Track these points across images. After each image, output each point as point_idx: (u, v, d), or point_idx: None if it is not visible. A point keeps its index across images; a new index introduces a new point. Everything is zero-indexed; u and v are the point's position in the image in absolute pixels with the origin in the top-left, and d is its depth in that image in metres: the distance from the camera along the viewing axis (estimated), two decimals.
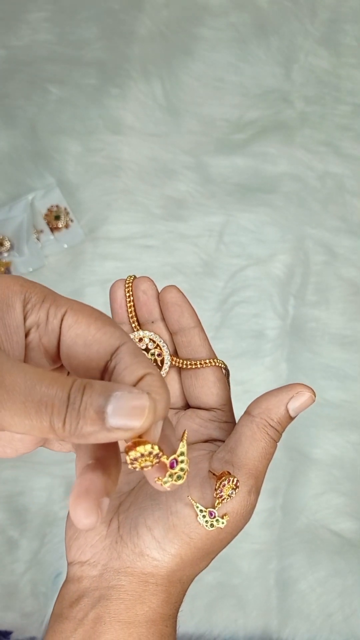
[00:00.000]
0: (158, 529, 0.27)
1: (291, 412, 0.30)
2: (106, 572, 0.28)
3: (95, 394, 0.20)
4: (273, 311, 0.72)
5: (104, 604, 0.27)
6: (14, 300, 0.23)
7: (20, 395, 0.20)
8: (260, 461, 0.29)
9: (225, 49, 0.78)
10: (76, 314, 0.23)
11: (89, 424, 0.20)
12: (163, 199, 0.75)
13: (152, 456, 0.21)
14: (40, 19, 0.78)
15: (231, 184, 0.76)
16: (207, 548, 0.28)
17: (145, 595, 0.27)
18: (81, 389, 0.20)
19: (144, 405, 0.20)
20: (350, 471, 0.70)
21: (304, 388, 0.29)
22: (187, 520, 0.27)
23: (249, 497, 0.28)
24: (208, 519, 0.27)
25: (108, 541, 0.28)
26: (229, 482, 0.27)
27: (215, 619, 0.67)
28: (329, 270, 0.74)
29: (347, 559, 0.68)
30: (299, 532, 0.68)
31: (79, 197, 0.75)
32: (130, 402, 0.20)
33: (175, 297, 0.32)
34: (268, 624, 0.67)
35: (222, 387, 0.32)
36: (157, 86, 0.77)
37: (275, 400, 0.29)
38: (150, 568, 0.27)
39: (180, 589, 0.29)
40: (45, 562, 0.67)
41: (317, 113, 0.77)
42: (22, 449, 0.25)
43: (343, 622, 0.66)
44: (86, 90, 0.77)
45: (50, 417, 0.20)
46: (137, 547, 0.28)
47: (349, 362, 0.72)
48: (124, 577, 0.27)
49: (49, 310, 0.24)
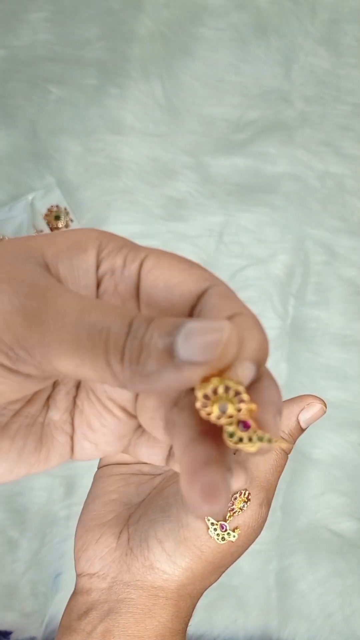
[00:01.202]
0: (169, 541, 0.27)
1: (302, 424, 0.29)
2: (115, 584, 0.27)
3: (164, 325, 0.16)
4: (273, 311, 0.72)
5: (113, 618, 0.27)
6: (88, 244, 0.20)
7: (72, 319, 0.16)
8: (272, 474, 0.29)
9: (226, 49, 0.78)
10: (158, 257, 0.20)
11: (153, 357, 0.16)
12: (163, 199, 0.75)
13: (231, 394, 0.16)
14: (40, 19, 0.78)
15: (231, 184, 0.76)
16: (217, 562, 0.28)
17: (155, 610, 0.27)
18: (146, 321, 0.16)
19: (222, 327, 0.16)
20: (350, 471, 0.70)
21: (315, 399, 0.29)
22: (198, 533, 0.27)
23: (260, 510, 0.28)
24: (219, 532, 0.27)
25: (118, 553, 0.28)
26: (240, 495, 0.27)
27: (215, 619, 0.66)
28: (329, 271, 0.74)
29: (347, 559, 0.67)
30: (299, 532, 0.68)
31: (78, 197, 0.75)
32: (206, 330, 0.16)
33: None
34: (268, 624, 0.67)
35: None
36: (157, 86, 0.77)
37: (286, 412, 0.29)
38: (161, 582, 0.27)
39: (190, 604, 0.28)
40: (45, 562, 0.66)
41: (317, 113, 0.77)
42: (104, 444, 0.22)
43: (343, 622, 0.66)
44: (86, 90, 0.77)
45: (106, 348, 0.16)
46: (147, 560, 0.27)
47: (349, 362, 0.72)
48: (134, 590, 0.27)
49: (127, 255, 0.20)
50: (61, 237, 0.20)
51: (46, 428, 0.22)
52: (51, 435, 0.22)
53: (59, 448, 0.22)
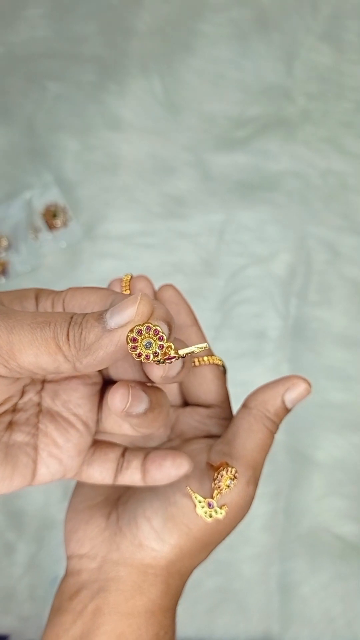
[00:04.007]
0: (157, 519, 0.27)
1: (287, 404, 0.30)
2: (105, 564, 0.28)
3: (95, 313, 0.22)
4: (274, 311, 0.72)
5: (103, 596, 0.27)
6: (30, 294, 0.26)
7: (26, 320, 0.22)
8: (259, 452, 0.29)
9: (226, 45, 0.78)
10: (74, 291, 0.25)
11: (91, 332, 0.21)
12: (163, 197, 0.74)
13: (151, 333, 0.21)
14: (38, 15, 0.77)
15: (232, 181, 0.75)
16: (206, 539, 0.28)
17: (144, 586, 0.27)
18: (82, 314, 0.22)
19: (136, 296, 0.21)
20: (353, 473, 0.69)
21: (299, 379, 0.30)
22: (185, 510, 0.27)
23: (248, 488, 0.28)
24: (207, 509, 0.27)
25: (107, 533, 0.28)
26: (227, 472, 0.27)
27: (216, 624, 0.66)
28: (331, 270, 0.73)
29: (350, 562, 0.67)
30: (301, 536, 0.67)
31: (77, 195, 0.74)
32: (124, 303, 0.22)
33: (172, 296, 0.33)
34: (269, 628, 0.66)
35: (220, 385, 0.33)
36: (157, 83, 0.76)
37: (271, 392, 0.30)
38: (149, 559, 0.27)
39: (180, 581, 0.29)
40: (43, 566, 0.66)
41: (319, 110, 0.77)
42: (67, 458, 0.26)
43: (345, 627, 0.66)
44: (85, 86, 0.76)
45: (54, 335, 0.21)
46: (135, 538, 0.28)
47: (352, 363, 0.71)
48: (123, 568, 0.27)
49: (54, 298, 0.26)
50: (10, 292, 0.26)
51: (10, 448, 0.25)
52: (15, 455, 0.25)
53: (22, 469, 0.25)
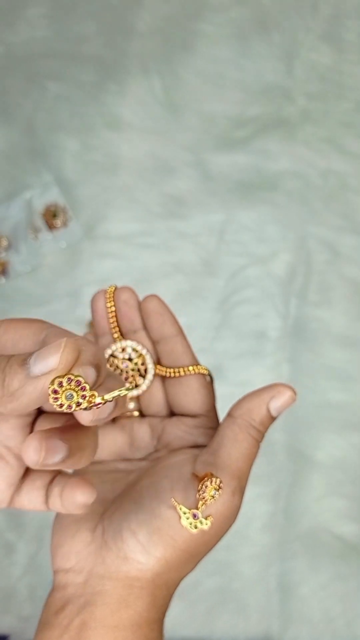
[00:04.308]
0: (142, 532, 0.27)
1: (272, 412, 0.30)
2: (91, 578, 0.28)
3: (19, 357, 0.22)
4: (274, 311, 0.72)
5: (89, 610, 0.27)
6: None
7: None
8: (244, 462, 0.29)
9: (226, 44, 0.78)
10: (8, 325, 0.25)
11: (14, 377, 0.21)
12: (162, 197, 0.74)
13: (73, 384, 0.21)
14: (38, 15, 0.77)
15: (232, 181, 0.75)
16: (192, 550, 0.28)
17: (130, 599, 0.27)
18: (6, 358, 0.22)
19: (60, 343, 0.21)
20: (352, 474, 0.69)
21: (285, 387, 0.30)
22: (171, 522, 0.27)
23: (233, 498, 0.28)
24: (192, 520, 0.27)
25: (92, 547, 0.28)
26: (211, 483, 0.27)
27: (215, 624, 0.66)
28: (331, 270, 0.73)
29: (349, 562, 0.67)
30: (301, 536, 0.67)
31: (77, 195, 0.74)
32: (48, 349, 0.21)
33: (157, 306, 0.32)
34: (269, 628, 0.66)
35: (206, 394, 0.32)
36: (157, 82, 0.76)
37: (256, 400, 0.30)
38: (135, 571, 0.27)
39: (167, 593, 0.28)
40: (42, 566, 0.66)
41: (319, 110, 0.77)
42: None
43: (345, 627, 0.66)
44: (84, 86, 0.76)
45: None
46: (121, 551, 0.27)
47: (352, 363, 0.71)
48: (109, 581, 0.27)
49: None
50: None
51: None
52: None
53: None
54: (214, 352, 0.71)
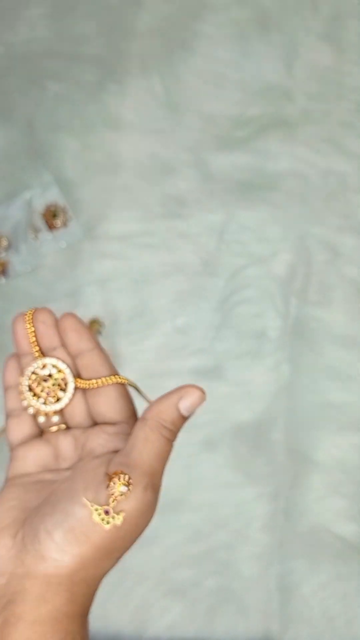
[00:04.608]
0: (57, 532, 0.28)
1: (183, 412, 0.31)
2: (12, 579, 0.29)
3: None
4: (274, 311, 0.72)
5: (10, 608, 0.28)
6: None
7: None
8: (156, 460, 0.30)
9: (226, 44, 0.78)
10: None
11: None
12: (163, 197, 0.74)
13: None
14: (38, 15, 0.77)
15: (232, 181, 0.75)
16: (107, 546, 0.29)
17: (48, 596, 0.28)
18: None
19: None
20: (353, 474, 0.69)
21: (193, 388, 0.31)
22: (84, 521, 0.28)
23: (145, 494, 0.29)
24: (104, 516, 0.28)
25: (14, 551, 0.29)
26: (119, 479, 0.28)
27: (215, 624, 0.66)
28: (331, 270, 0.73)
29: (350, 563, 0.67)
30: (301, 536, 0.67)
31: (77, 195, 0.74)
32: None
33: (72, 324, 0.35)
34: (269, 628, 0.66)
35: (125, 402, 0.34)
36: (157, 82, 0.76)
37: (166, 402, 0.31)
38: (52, 569, 0.28)
39: (86, 589, 0.29)
40: None
41: (319, 110, 0.77)
42: None
43: (345, 627, 0.66)
44: (85, 86, 0.76)
45: None
46: (38, 552, 0.29)
47: (352, 363, 0.71)
48: (28, 580, 0.28)
49: None
50: None
51: None
52: None
53: None
54: (214, 352, 0.71)
